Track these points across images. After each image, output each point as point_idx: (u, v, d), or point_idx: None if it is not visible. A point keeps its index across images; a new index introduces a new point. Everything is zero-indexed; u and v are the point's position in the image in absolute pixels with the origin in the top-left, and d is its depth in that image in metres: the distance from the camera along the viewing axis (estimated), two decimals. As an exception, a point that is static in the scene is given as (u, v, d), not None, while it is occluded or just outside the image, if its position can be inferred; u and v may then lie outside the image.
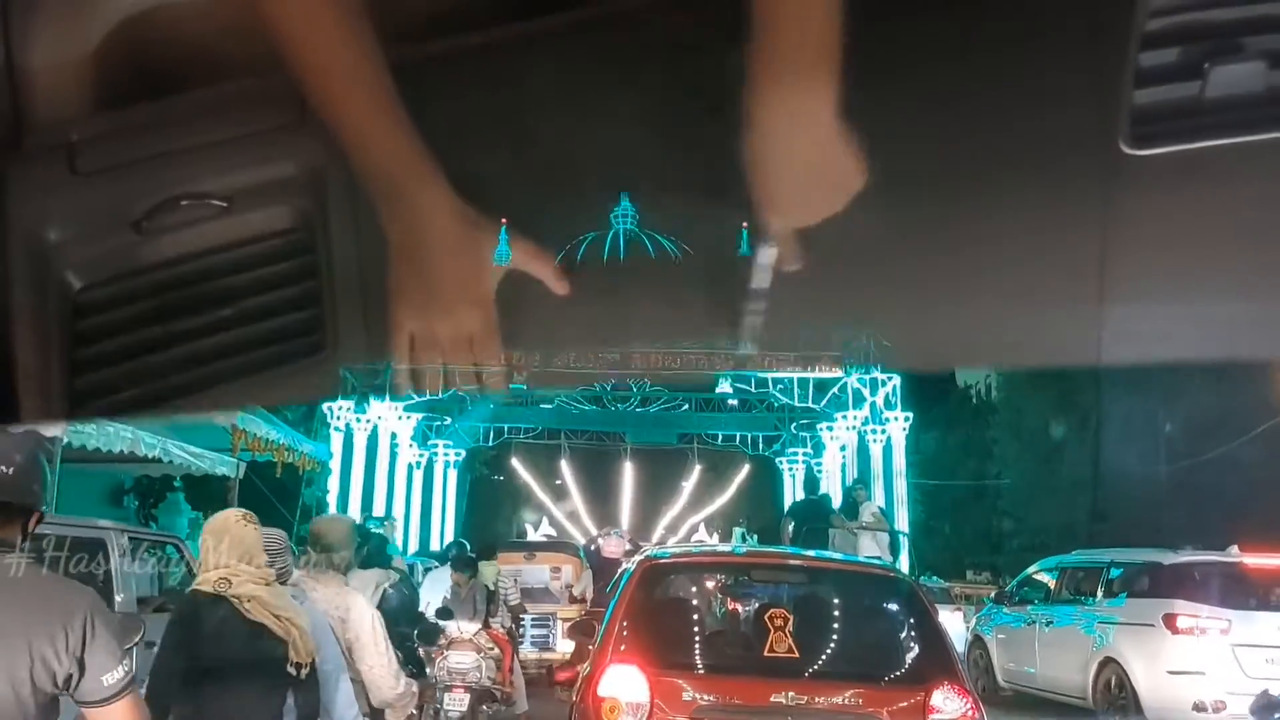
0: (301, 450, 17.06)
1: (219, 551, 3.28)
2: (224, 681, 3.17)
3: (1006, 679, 11.51)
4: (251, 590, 3.22)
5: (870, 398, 23.18)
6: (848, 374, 23.04)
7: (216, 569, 3.25)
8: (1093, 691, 9.55)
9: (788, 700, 4.00)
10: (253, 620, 3.20)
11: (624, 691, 4.03)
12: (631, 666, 4.11)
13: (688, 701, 4.03)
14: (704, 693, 4.09)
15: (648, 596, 4.70)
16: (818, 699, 4.04)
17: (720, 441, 30.34)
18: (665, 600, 4.91)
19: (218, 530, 3.36)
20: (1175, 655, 8.79)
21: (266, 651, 3.21)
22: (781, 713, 3.98)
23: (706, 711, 4.02)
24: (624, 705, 4.00)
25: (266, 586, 3.28)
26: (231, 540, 3.30)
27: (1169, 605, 8.95)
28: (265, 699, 3.23)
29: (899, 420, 23.14)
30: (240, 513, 3.49)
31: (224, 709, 3.18)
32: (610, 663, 4.18)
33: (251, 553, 3.30)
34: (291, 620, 3.27)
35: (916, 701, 4.03)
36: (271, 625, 3.22)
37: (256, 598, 3.22)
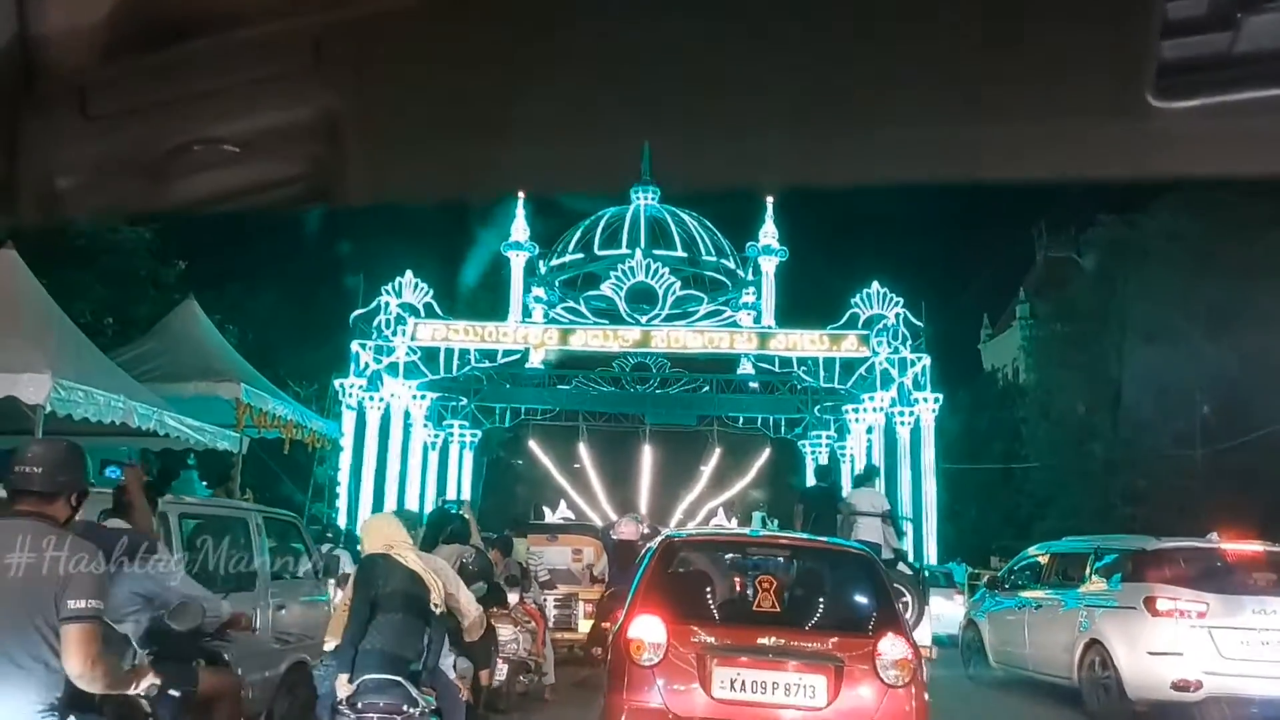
0: (310, 427, 16.36)
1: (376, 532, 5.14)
2: (393, 603, 4.67)
3: (998, 660, 11.72)
4: (406, 552, 4.89)
5: (899, 378, 22.47)
6: (875, 353, 22.34)
7: (381, 540, 4.96)
8: (1078, 671, 9.80)
9: (770, 643, 5.19)
10: (409, 568, 4.80)
11: (647, 634, 5.19)
12: (654, 616, 5.28)
13: (695, 643, 5.18)
14: (708, 636, 5.24)
15: (666, 566, 5.90)
16: (793, 642, 5.24)
17: (741, 424, 29.64)
18: (679, 569, 6.08)
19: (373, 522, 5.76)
20: (1155, 637, 9.04)
21: (417, 591, 4.77)
22: (765, 651, 5.15)
23: (709, 649, 5.15)
24: (647, 644, 5.16)
25: (413, 549, 5.01)
26: (383, 525, 5.32)
27: (1150, 589, 9.21)
28: (416, 619, 4.73)
29: (929, 401, 22.46)
30: (384, 513, 5.80)
31: (393, 621, 4.63)
32: (637, 614, 5.36)
33: (399, 532, 5.06)
34: (431, 572, 4.90)
35: (868, 647, 5.16)
36: (420, 573, 4.81)
37: (409, 556, 4.86)
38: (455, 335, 23.03)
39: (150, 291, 20.56)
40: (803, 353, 22.68)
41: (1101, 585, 10.02)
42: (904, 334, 22.49)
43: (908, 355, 22.48)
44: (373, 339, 22.79)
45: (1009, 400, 35.86)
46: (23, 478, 3.20)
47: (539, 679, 8.96)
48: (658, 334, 23.11)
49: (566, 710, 8.76)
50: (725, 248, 26.37)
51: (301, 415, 15.67)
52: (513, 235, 24.89)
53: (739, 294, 25.43)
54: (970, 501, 32.35)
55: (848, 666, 5.09)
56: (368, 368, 22.70)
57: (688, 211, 26.35)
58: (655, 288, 23.35)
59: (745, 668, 5.12)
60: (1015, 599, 11.63)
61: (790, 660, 5.14)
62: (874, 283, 22.95)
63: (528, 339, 23.20)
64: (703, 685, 5.09)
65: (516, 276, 24.76)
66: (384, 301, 23.02)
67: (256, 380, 14.16)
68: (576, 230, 26.53)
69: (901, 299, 22.77)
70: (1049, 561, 11.63)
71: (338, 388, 22.47)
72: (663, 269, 23.59)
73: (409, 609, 4.70)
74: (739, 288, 25.73)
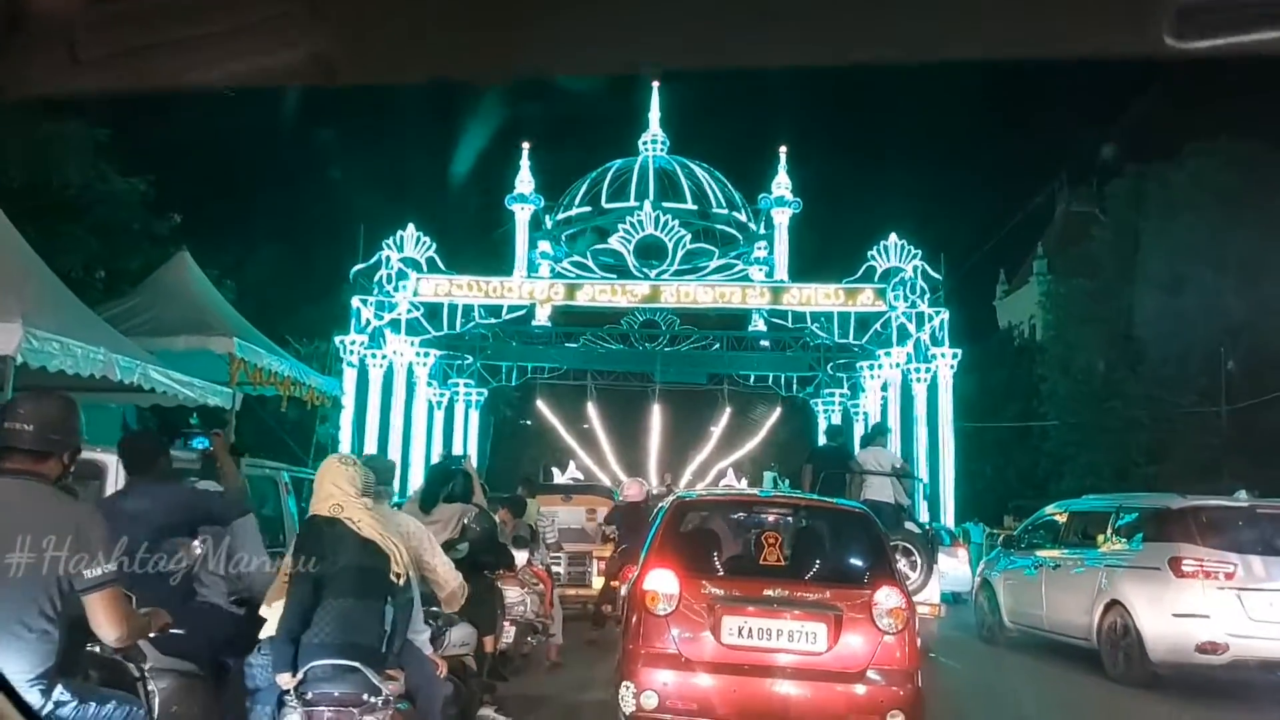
0: (308, 384, 15.78)
1: (325, 485, 4.09)
2: (342, 585, 3.89)
3: (1013, 621, 11.45)
4: (359, 514, 4.01)
5: (916, 333, 21.74)
6: (892, 308, 21.60)
7: (329, 498, 4.04)
8: (1097, 634, 9.55)
9: (775, 594, 5.46)
10: (364, 536, 3.98)
11: (661, 586, 5.47)
12: (667, 570, 5.55)
13: (705, 594, 5.45)
14: (717, 587, 5.52)
15: (677, 523, 6.24)
16: (796, 593, 5.52)
17: (752, 382, 29.02)
18: (690, 526, 6.41)
19: (324, 469, 4.20)
20: (1180, 598, 8.77)
21: (374, 562, 3.96)
22: (770, 601, 5.42)
23: (718, 600, 5.42)
24: (661, 595, 5.42)
25: (369, 511, 4.07)
26: (334, 476, 4.11)
27: (1174, 549, 8.95)
28: (373, 600, 3.93)
29: (947, 357, 21.74)
30: (341, 455, 4.41)
31: (343, 608, 3.85)
32: (652, 568, 5.63)
33: (351, 486, 4.07)
34: (391, 538, 4.07)
35: (865, 597, 5.45)
36: (379, 541, 3.98)
37: (363, 520, 4.00)
38: (459, 290, 22.34)
39: (144, 245, 19.99)
40: (817, 307, 21.92)
41: (1123, 545, 9.80)
42: (922, 287, 21.74)
43: (925, 309, 21.72)
44: (374, 294, 22.15)
45: (1026, 357, 35.18)
46: (13, 434, 3.05)
47: (546, 639, 9.01)
48: (667, 289, 22.38)
49: (575, 671, 8.77)
50: (737, 200, 25.62)
51: (299, 371, 15.15)
52: (517, 187, 24.15)
53: (750, 248, 24.71)
54: (986, 460, 31.73)
55: (846, 615, 5.40)
56: (369, 324, 22.09)
57: (698, 163, 25.57)
58: (665, 241, 22.59)
59: (752, 617, 5.42)
60: (1031, 558, 11.36)
61: (793, 610, 5.44)
62: (891, 234, 22.16)
63: (533, 294, 22.52)
64: (713, 633, 5.41)
65: (521, 230, 24.05)
66: (385, 255, 22.33)
67: (251, 335, 13.76)
68: (583, 183, 25.78)
69: (920, 251, 22.00)
70: (1067, 520, 11.34)
71: (338, 344, 21.87)
72: (673, 221, 22.82)
73: (364, 589, 3.90)
74: (750, 242, 24.99)
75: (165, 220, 21.04)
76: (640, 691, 5.32)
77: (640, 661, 5.41)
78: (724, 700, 5.32)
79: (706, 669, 5.35)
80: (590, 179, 25.66)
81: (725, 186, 25.71)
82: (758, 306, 22.82)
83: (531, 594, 8.33)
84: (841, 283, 22.14)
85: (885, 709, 5.21)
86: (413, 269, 22.24)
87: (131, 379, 10.20)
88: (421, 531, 4.84)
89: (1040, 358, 33.37)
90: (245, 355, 12.65)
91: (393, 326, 22.24)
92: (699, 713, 5.32)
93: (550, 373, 28.85)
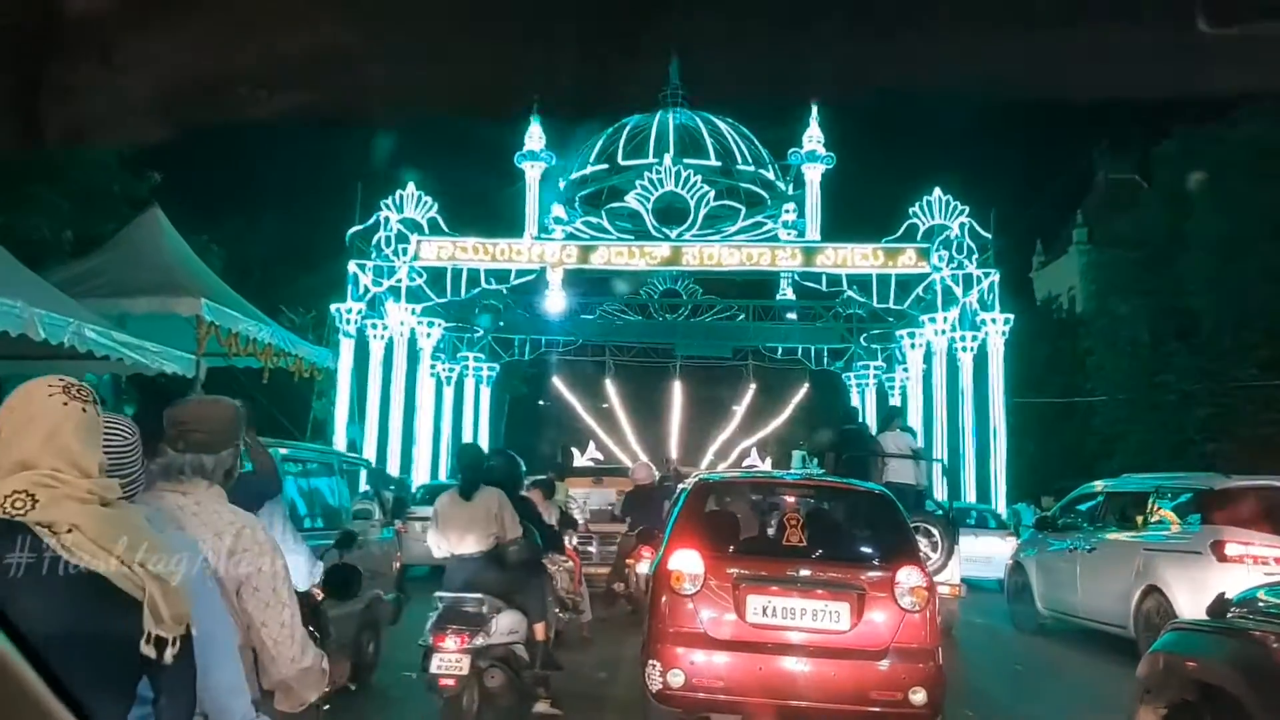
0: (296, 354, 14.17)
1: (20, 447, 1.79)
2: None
3: (1047, 606, 11.04)
4: (72, 514, 1.75)
5: (963, 297, 19.91)
6: (936, 269, 19.76)
7: (14, 475, 1.76)
8: (1134, 621, 9.12)
9: (798, 573, 5.60)
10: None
11: (686, 566, 5.57)
12: (691, 550, 5.64)
13: (729, 574, 5.53)
14: (740, 567, 5.61)
15: (700, 504, 6.35)
16: (818, 573, 5.62)
17: (780, 355, 27.35)
18: (713, 506, 6.52)
19: (19, 411, 1.84)
20: (1223, 585, 7.77)
21: (102, 619, 1.74)
22: (793, 581, 5.55)
23: (742, 579, 5.52)
24: (686, 575, 5.53)
25: (101, 507, 1.80)
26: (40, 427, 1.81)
27: (1218, 533, 8.57)
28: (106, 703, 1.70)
29: (998, 323, 19.89)
30: (59, 383, 1.88)
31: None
32: (675, 548, 5.73)
33: (77, 451, 1.82)
34: (145, 565, 1.77)
35: (887, 576, 5.53)
36: (108, 572, 1.73)
37: (78, 526, 1.74)
38: (463, 254, 20.65)
39: (123, 209, 18.76)
40: (854, 269, 20.09)
41: (1165, 527, 9.43)
42: (969, 246, 19.88)
43: (973, 270, 19.87)
44: (372, 259, 20.54)
45: (1069, 330, 33.56)
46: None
47: (577, 617, 9.20)
48: (689, 250, 20.63)
49: (607, 648, 8.94)
50: (764, 157, 23.82)
51: (284, 340, 13.61)
52: (527, 144, 22.42)
53: (779, 210, 22.95)
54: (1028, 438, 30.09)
55: (868, 594, 5.45)
56: (367, 292, 20.50)
57: (723, 118, 23.78)
58: (686, 198, 20.79)
59: (775, 596, 5.47)
60: (1066, 541, 10.92)
61: (816, 589, 5.50)
62: (935, 190, 20.28)
63: (544, 257, 20.80)
64: (737, 612, 5.45)
65: (532, 190, 22.34)
66: (384, 217, 20.69)
67: (227, 298, 12.55)
68: (598, 140, 24.04)
69: (966, 207, 20.12)
70: (1104, 501, 10.91)
71: (334, 313, 20.28)
72: (695, 177, 21.01)
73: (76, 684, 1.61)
74: (779, 203, 23.20)
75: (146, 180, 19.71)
76: (667, 670, 5.39)
77: (666, 641, 5.48)
78: (749, 678, 5.40)
79: (731, 648, 5.43)
80: (605, 136, 23.93)
81: (752, 143, 23.91)
82: (788, 269, 21.02)
83: (561, 571, 8.48)
84: (881, 242, 20.31)
85: (907, 686, 5.28)
86: (414, 231, 20.60)
87: (61, 340, 8.92)
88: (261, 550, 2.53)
89: (1084, 330, 31.99)
90: (216, 319, 11.39)
91: (393, 294, 20.63)
92: (724, 690, 5.41)
93: (565, 346, 27.29)
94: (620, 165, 22.94)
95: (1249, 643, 3.79)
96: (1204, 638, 4.29)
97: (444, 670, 5.55)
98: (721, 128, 23.77)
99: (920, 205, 20.24)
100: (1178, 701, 4.03)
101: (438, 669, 5.55)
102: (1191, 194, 25.56)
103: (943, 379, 20.35)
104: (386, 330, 20.96)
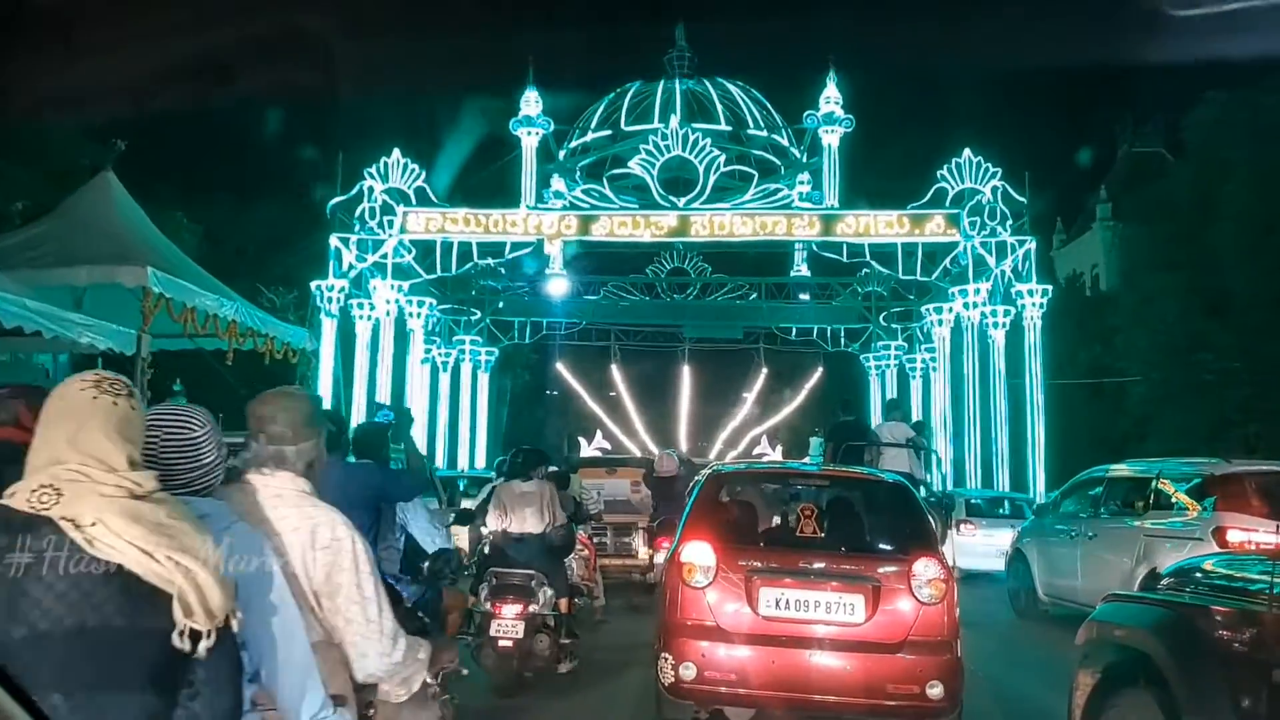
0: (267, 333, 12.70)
1: (50, 442, 1.88)
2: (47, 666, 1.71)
3: (1047, 593, 10.98)
4: (97, 508, 1.80)
5: (996, 267, 18.36)
6: (968, 236, 18.21)
7: (44, 469, 1.84)
8: None
9: (812, 565, 5.53)
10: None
11: (698, 558, 5.49)
12: (704, 542, 5.58)
13: (742, 565, 5.46)
14: (753, 559, 5.54)
15: (714, 495, 6.25)
16: (833, 564, 5.56)
17: (794, 336, 25.93)
18: (727, 497, 6.44)
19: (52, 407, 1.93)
20: None
21: (129, 612, 1.77)
22: (807, 573, 5.48)
23: (755, 571, 5.44)
24: (698, 567, 5.45)
25: (130, 500, 1.84)
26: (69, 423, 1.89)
27: (1219, 518, 8.55)
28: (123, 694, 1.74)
29: (1035, 295, 18.32)
30: (92, 377, 1.96)
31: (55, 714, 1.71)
32: (688, 539, 5.66)
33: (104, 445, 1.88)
34: (173, 558, 1.79)
35: (904, 568, 5.43)
36: (135, 565, 1.78)
37: (102, 520, 1.79)
38: (453, 225, 19.13)
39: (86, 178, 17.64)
40: (877, 238, 18.56)
41: (1165, 514, 9.35)
42: (1002, 212, 18.33)
43: (1007, 238, 18.33)
44: (355, 232, 19.06)
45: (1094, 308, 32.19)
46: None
47: (591, 602, 9.54)
48: (698, 219, 19.09)
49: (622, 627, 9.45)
50: (777, 122, 22.28)
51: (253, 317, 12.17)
52: (523, 109, 20.90)
53: (793, 181, 21.44)
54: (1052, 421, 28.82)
55: (884, 586, 5.35)
56: (351, 269, 19.04)
57: (732, 81, 22.24)
58: (695, 164, 19.24)
59: (789, 588, 5.38)
60: (1067, 527, 10.85)
61: (830, 581, 5.41)
62: (965, 151, 18.70)
63: (540, 228, 19.28)
64: (750, 604, 5.36)
65: (528, 159, 20.83)
66: (367, 187, 19.20)
67: (184, 269, 11.18)
68: (599, 106, 22.52)
69: (999, 170, 18.56)
70: (1105, 486, 10.73)
71: (314, 291, 18.82)
72: (703, 140, 19.45)
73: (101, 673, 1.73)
74: (793, 173, 21.68)
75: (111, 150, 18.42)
76: (679, 663, 5.35)
77: (678, 633, 5.44)
78: (762, 671, 5.34)
79: (744, 640, 5.36)
80: (607, 101, 22.42)
81: (765, 108, 22.39)
82: (806, 239, 19.50)
83: (576, 559, 8.77)
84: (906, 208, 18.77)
85: (924, 679, 5.21)
86: (400, 202, 19.12)
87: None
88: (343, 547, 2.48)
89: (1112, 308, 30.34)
90: (167, 290, 10.11)
91: (378, 270, 19.16)
92: (737, 683, 5.35)
93: (567, 329, 25.91)
94: (624, 132, 21.45)
95: (1168, 611, 4.06)
96: (1131, 608, 4.62)
97: (503, 634, 6.58)
98: (732, 91, 22.25)
99: (948, 168, 18.69)
100: (1108, 665, 4.23)
101: (496, 632, 6.58)
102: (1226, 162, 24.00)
103: (974, 357, 18.79)
104: (373, 310, 19.50)
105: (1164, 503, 9.48)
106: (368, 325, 19.61)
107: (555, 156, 22.02)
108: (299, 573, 2.41)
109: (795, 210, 19.37)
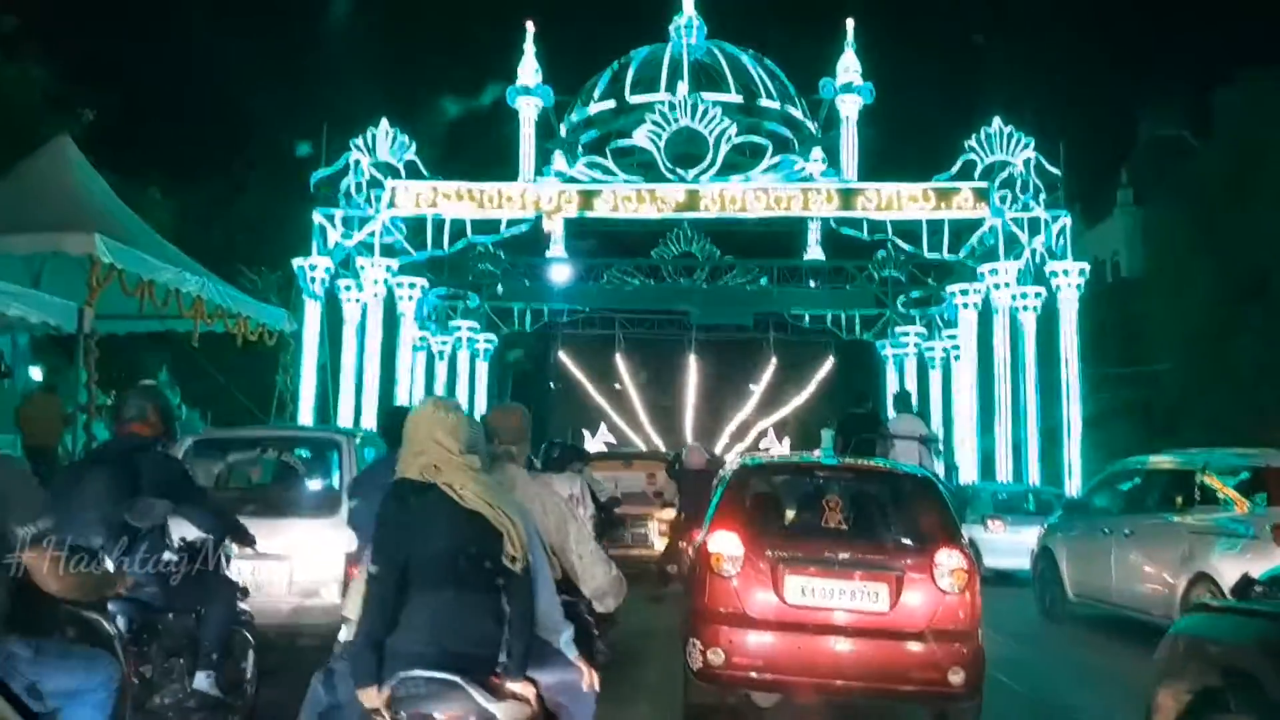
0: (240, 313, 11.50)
1: (418, 438, 3.17)
2: (438, 573, 3.03)
3: (1078, 594, 10.55)
4: (462, 477, 3.11)
5: (1028, 244, 17.14)
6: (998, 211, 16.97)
7: (421, 455, 3.13)
8: (1181, 610, 8.41)
9: (836, 555, 5.70)
10: (468, 508, 3.10)
11: (726, 548, 5.67)
12: (731, 532, 5.77)
13: (769, 555, 5.63)
14: (779, 549, 5.69)
15: (741, 487, 6.52)
16: (858, 554, 5.72)
17: (806, 322, 24.76)
18: (753, 489, 6.67)
19: (413, 420, 3.27)
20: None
21: (481, 542, 3.08)
22: (832, 562, 5.64)
23: (781, 560, 5.60)
24: (726, 557, 5.62)
25: (475, 472, 3.16)
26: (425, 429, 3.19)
27: (1278, 515, 8.12)
28: (480, 593, 3.06)
29: (1071, 274, 17.09)
30: (434, 401, 3.49)
31: (439, 603, 3.01)
32: (716, 529, 5.86)
33: (446, 441, 3.15)
34: (505, 511, 3.13)
35: (926, 558, 5.58)
36: (488, 515, 3.09)
37: (467, 485, 3.10)
38: (446, 200, 17.94)
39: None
40: (900, 214, 17.34)
41: (1214, 509, 8.86)
42: (1035, 185, 17.09)
43: (1040, 214, 17.10)
44: (340, 208, 17.87)
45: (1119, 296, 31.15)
46: None
47: None
48: (707, 193, 17.89)
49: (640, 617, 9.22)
50: (791, 93, 21.05)
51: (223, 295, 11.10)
52: (520, 78, 19.69)
53: (807, 154, 20.24)
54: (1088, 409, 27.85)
55: (908, 575, 5.49)
56: (337, 247, 17.87)
57: (744, 49, 21.02)
58: (705, 135, 18.02)
59: (814, 576, 5.54)
60: (1100, 523, 10.39)
61: (855, 570, 5.55)
62: (994, 120, 17.46)
63: (539, 203, 18.09)
64: (776, 592, 5.51)
65: (526, 131, 19.62)
66: (353, 160, 18.02)
67: (143, 238, 10.14)
68: (603, 76, 21.30)
69: (1031, 140, 17.31)
70: (1144, 479, 10.43)
71: (296, 269, 17.65)
72: (713, 110, 18.23)
73: (467, 578, 3.04)
74: (807, 147, 20.47)
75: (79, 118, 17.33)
76: (707, 649, 5.47)
77: (707, 620, 5.58)
78: (788, 657, 5.48)
79: (771, 627, 5.49)
80: (611, 71, 21.20)
81: (778, 79, 21.16)
82: (823, 215, 18.29)
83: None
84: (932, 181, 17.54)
85: (946, 666, 5.30)
86: (389, 176, 17.93)
87: None
88: (559, 508, 3.79)
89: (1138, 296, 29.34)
90: (119, 260, 9.21)
91: (365, 249, 17.98)
92: (764, 669, 5.49)
93: (570, 315, 24.77)
94: (628, 104, 20.21)
95: (1273, 623, 3.67)
96: (1228, 619, 4.22)
97: None
98: (743, 60, 21.02)
99: (977, 139, 17.45)
100: (1200, 687, 3.73)
101: None
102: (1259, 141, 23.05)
103: (1005, 342, 17.54)
104: (361, 292, 18.32)
105: (1210, 497, 9.01)
106: (356, 308, 18.45)
107: (556, 133, 20.82)
108: (540, 529, 3.44)
109: (812, 181, 18.12)
